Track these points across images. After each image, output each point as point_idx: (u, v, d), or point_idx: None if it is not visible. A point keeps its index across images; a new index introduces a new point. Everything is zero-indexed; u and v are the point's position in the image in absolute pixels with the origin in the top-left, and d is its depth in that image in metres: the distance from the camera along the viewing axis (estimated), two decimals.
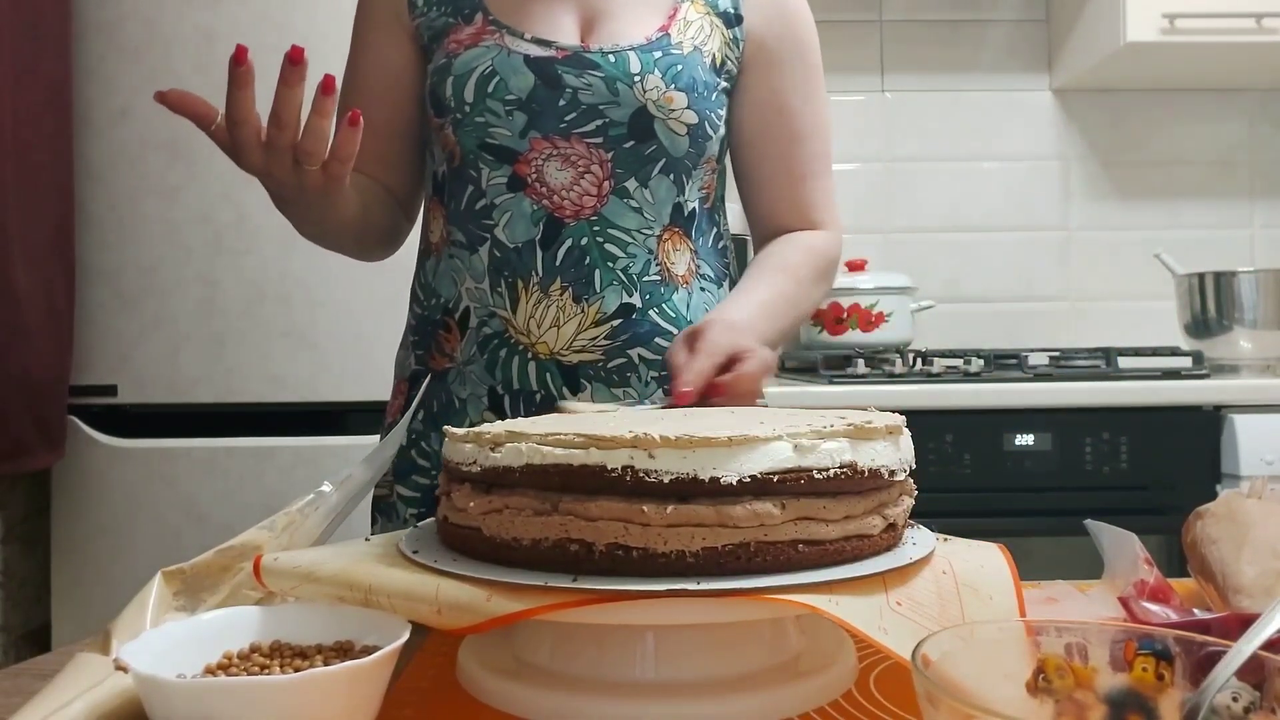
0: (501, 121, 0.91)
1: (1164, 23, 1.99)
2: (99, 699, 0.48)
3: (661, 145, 0.93)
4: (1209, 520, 0.67)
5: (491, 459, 0.52)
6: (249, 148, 0.74)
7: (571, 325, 0.91)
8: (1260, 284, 1.97)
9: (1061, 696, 0.40)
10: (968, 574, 0.54)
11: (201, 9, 1.69)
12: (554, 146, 0.91)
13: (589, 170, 0.92)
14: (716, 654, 0.52)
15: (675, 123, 0.93)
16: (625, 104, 0.91)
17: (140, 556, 1.67)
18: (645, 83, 0.91)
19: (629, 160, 0.93)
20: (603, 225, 0.92)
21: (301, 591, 0.53)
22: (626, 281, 0.92)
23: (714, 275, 1.00)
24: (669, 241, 0.95)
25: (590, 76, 0.91)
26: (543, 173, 0.91)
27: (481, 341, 0.94)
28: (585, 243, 0.91)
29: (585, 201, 0.91)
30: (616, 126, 0.92)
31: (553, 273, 0.91)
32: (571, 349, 0.91)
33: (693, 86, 0.93)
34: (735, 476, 0.48)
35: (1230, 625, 0.52)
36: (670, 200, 0.95)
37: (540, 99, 0.91)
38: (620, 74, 0.91)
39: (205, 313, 1.69)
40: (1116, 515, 0.81)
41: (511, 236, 0.92)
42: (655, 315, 0.93)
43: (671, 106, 0.92)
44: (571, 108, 0.91)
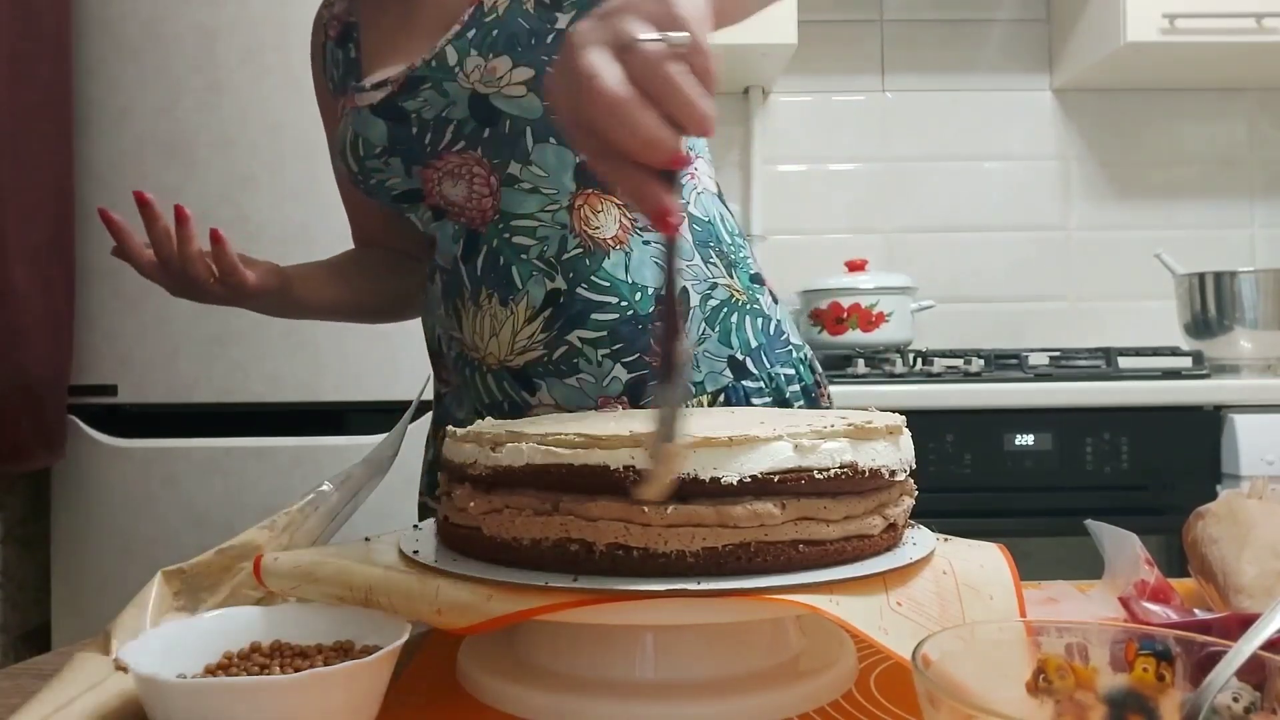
0: (387, 172, 0.92)
1: (1164, 23, 1.99)
2: (99, 699, 0.48)
3: (513, 116, 0.87)
4: (1209, 520, 0.67)
5: (492, 459, 0.52)
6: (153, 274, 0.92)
7: (506, 330, 0.89)
8: (1260, 284, 1.97)
9: (1062, 697, 0.40)
10: (968, 574, 0.54)
11: (201, 9, 1.69)
12: (436, 170, 0.91)
13: (473, 175, 0.90)
14: (716, 654, 0.52)
15: (509, 86, 0.86)
16: (458, 98, 0.87)
17: (140, 556, 1.67)
18: (466, 67, 0.86)
19: (496, 148, 0.88)
20: (505, 220, 0.89)
21: (301, 591, 0.53)
22: (545, 268, 0.88)
23: None
24: (584, 207, 0.89)
25: (423, 93, 0.88)
26: (444, 195, 0.91)
27: (453, 364, 0.95)
28: (497, 244, 0.89)
29: (484, 204, 0.89)
30: (465, 123, 0.88)
31: (477, 282, 0.90)
32: (514, 352, 0.89)
33: (512, 43, 0.85)
34: (736, 476, 0.48)
35: (1230, 625, 0.52)
36: (567, 164, 0.89)
37: (397, 137, 0.90)
38: (443, 74, 0.87)
39: (205, 313, 1.69)
40: (1116, 515, 0.81)
41: (445, 259, 0.93)
42: (585, 291, 0.87)
43: (497, 75, 0.86)
44: (423, 130, 0.89)
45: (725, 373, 0.91)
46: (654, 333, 0.86)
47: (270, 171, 1.69)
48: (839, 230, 2.36)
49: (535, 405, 0.89)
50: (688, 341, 0.90)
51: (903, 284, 2.11)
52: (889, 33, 2.41)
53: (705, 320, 0.91)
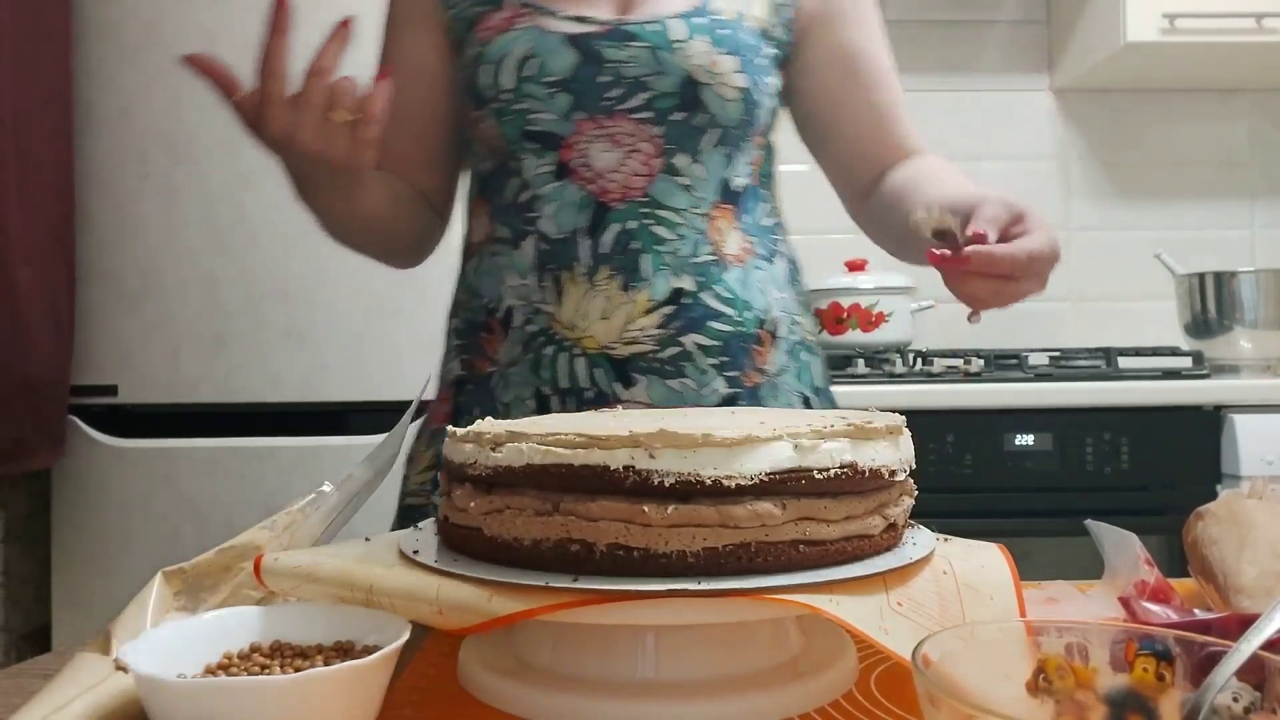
0: (544, 105, 0.87)
1: (1164, 23, 1.99)
2: (99, 699, 0.48)
3: (712, 114, 0.88)
4: (1209, 520, 0.67)
5: (492, 459, 0.52)
6: (276, 104, 0.72)
7: (620, 315, 0.86)
8: (1260, 284, 1.97)
9: (1062, 697, 0.40)
10: (968, 574, 0.54)
11: (202, 9, 1.69)
12: (600, 126, 0.87)
13: (636, 148, 0.87)
14: (717, 654, 0.52)
15: (726, 88, 0.88)
16: (671, 73, 0.87)
17: (140, 556, 1.67)
18: (690, 48, 0.87)
19: (679, 133, 0.88)
20: (651, 206, 0.87)
21: (301, 591, 0.53)
22: (676, 265, 0.86)
23: (766, 253, 0.94)
24: (719, 219, 0.90)
25: (632, 49, 0.87)
26: (588, 156, 0.87)
27: (526, 340, 0.89)
28: (633, 226, 0.86)
29: (633, 182, 0.87)
30: (664, 98, 0.87)
31: (599, 261, 0.86)
32: (622, 341, 0.86)
33: (739, 49, 0.89)
34: (736, 477, 0.48)
35: (1230, 625, 0.52)
36: (719, 175, 0.90)
37: (583, 77, 0.87)
38: (663, 42, 0.87)
39: (205, 313, 1.69)
40: (1116, 515, 0.81)
41: (559, 226, 0.88)
42: (709, 298, 0.87)
43: (719, 70, 0.87)
44: (615, 83, 0.87)
45: (797, 406, 0.93)
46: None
47: (270, 171, 1.69)
48: (839, 230, 2.34)
49: (625, 400, 0.86)
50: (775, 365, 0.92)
51: (903, 284, 2.11)
52: (889, 33, 2.39)
53: (787, 353, 0.94)
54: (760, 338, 0.90)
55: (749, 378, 0.89)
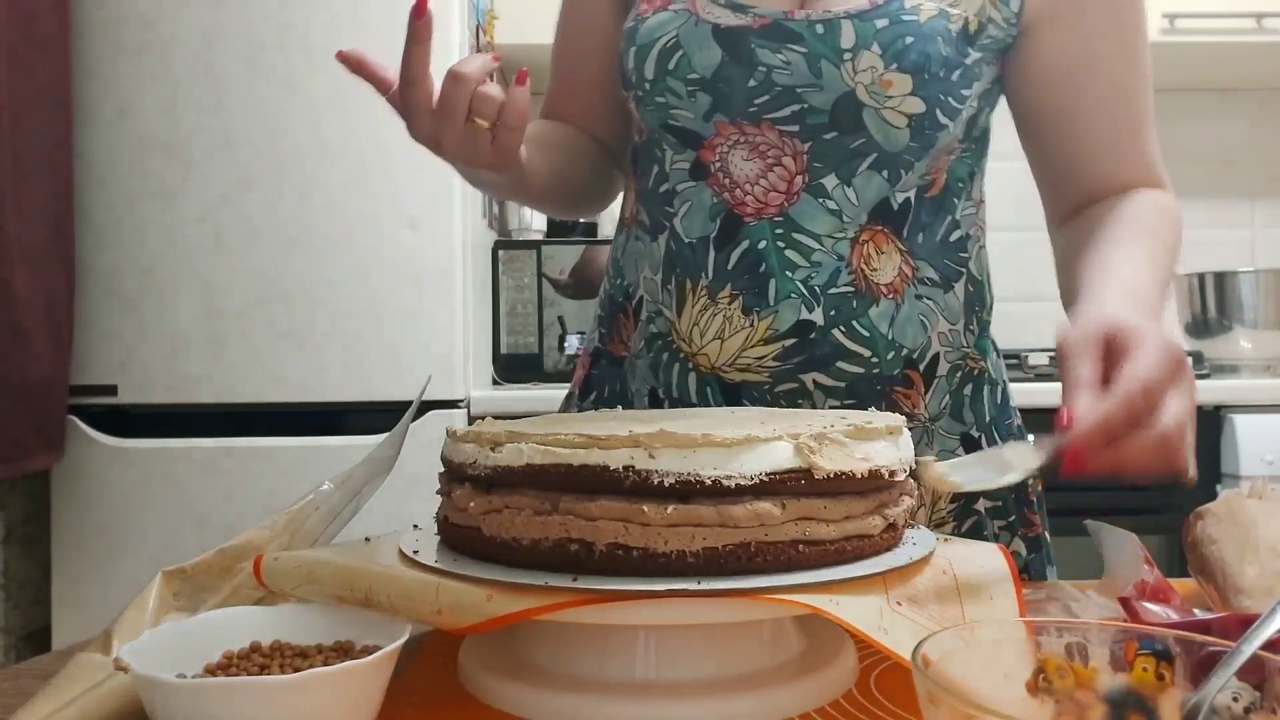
0: (684, 103, 0.80)
1: (1164, 23, 1.99)
2: (99, 699, 0.48)
3: (872, 138, 0.77)
4: (1209, 520, 0.67)
5: (492, 459, 0.52)
6: (420, 112, 0.70)
7: (738, 339, 0.78)
8: (1260, 284, 1.97)
9: (1062, 696, 0.40)
10: (968, 574, 0.54)
11: (201, 9, 1.69)
12: (741, 132, 0.78)
13: (779, 162, 0.78)
14: (716, 654, 0.52)
15: (893, 113, 0.76)
16: (829, 87, 0.76)
17: (140, 556, 1.67)
18: (858, 61, 0.75)
19: (829, 154, 0.78)
20: (787, 227, 0.78)
21: (301, 591, 0.53)
22: (807, 294, 0.77)
23: (939, 277, 0.82)
24: (869, 244, 0.79)
25: (790, 52, 0.77)
26: (727, 161, 0.79)
27: (649, 338, 0.84)
28: (764, 246, 0.78)
29: (771, 199, 0.78)
30: (816, 114, 0.77)
31: (724, 277, 0.79)
32: (735, 366, 0.79)
33: (923, 65, 0.75)
34: (736, 477, 0.48)
35: (1230, 625, 0.52)
36: (878, 197, 0.79)
37: (727, 78, 0.78)
38: (827, 50, 0.76)
39: (205, 313, 1.69)
40: (1116, 515, 0.81)
41: (688, 230, 0.81)
42: (840, 335, 0.78)
43: (889, 93, 0.75)
44: (763, 89, 0.77)
45: (958, 451, 0.83)
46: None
47: (270, 171, 1.69)
48: None
49: None
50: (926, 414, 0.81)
51: None
52: None
53: (949, 392, 0.83)
54: (908, 379, 0.80)
55: None
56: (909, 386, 0.80)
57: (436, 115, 0.69)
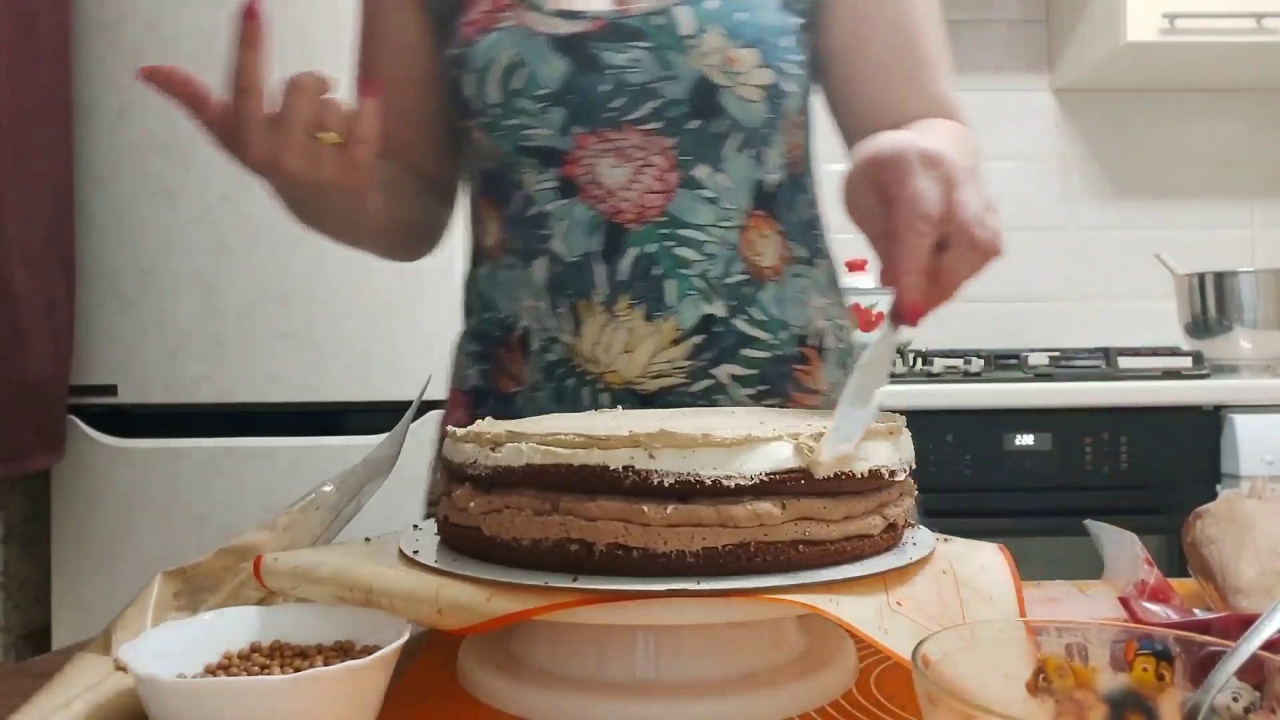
0: (536, 120, 0.77)
1: (1164, 23, 1.99)
2: (99, 699, 0.48)
3: (733, 118, 0.77)
4: (1209, 520, 0.67)
5: (492, 459, 0.52)
6: (255, 125, 0.63)
7: (647, 347, 0.77)
8: (1260, 284, 1.97)
9: (1061, 696, 0.40)
10: (968, 574, 0.54)
11: (201, 9, 1.69)
12: (603, 140, 0.77)
13: (648, 162, 0.77)
14: (716, 654, 0.52)
15: (746, 88, 0.76)
16: (682, 76, 0.76)
17: (140, 556, 1.67)
18: (703, 44, 0.75)
19: (696, 143, 0.78)
20: (672, 226, 0.77)
21: (301, 591, 0.53)
22: (706, 288, 0.78)
23: (807, 254, 0.85)
24: (753, 230, 0.80)
25: (634, 49, 0.76)
26: (595, 172, 0.77)
27: (546, 368, 0.81)
28: (653, 249, 0.77)
29: (648, 200, 0.77)
30: (675, 105, 0.76)
31: (618, 288, 0.77)
32: (649, 375, 0.77)
33: (763, 35, 0.76)
34: (736, 477, 0.48)
35: (1230, 625, 0.52)
36: (749, 180, 0.80)
37: (578, 87, 0.76)
38: (670, 40, 0.75)
39: (205, 313, 1.69)
40: (1116, 515, 0.81)
41: (571, 249, 0.78)
42: (742, 323, 0.79)
43: (738, 69, 0.76)
44: (617, 92, 0.76)
45: None
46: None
47: None
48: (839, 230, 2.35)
49: None
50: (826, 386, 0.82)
51: None
52: None
53: (838, 364, 0.86)
54: (804, 355, 0.82)
55: (797, 401, 0.82)
56: (807, 364, 0.83)
57: (274, 128, 0.63)
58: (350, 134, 0.65)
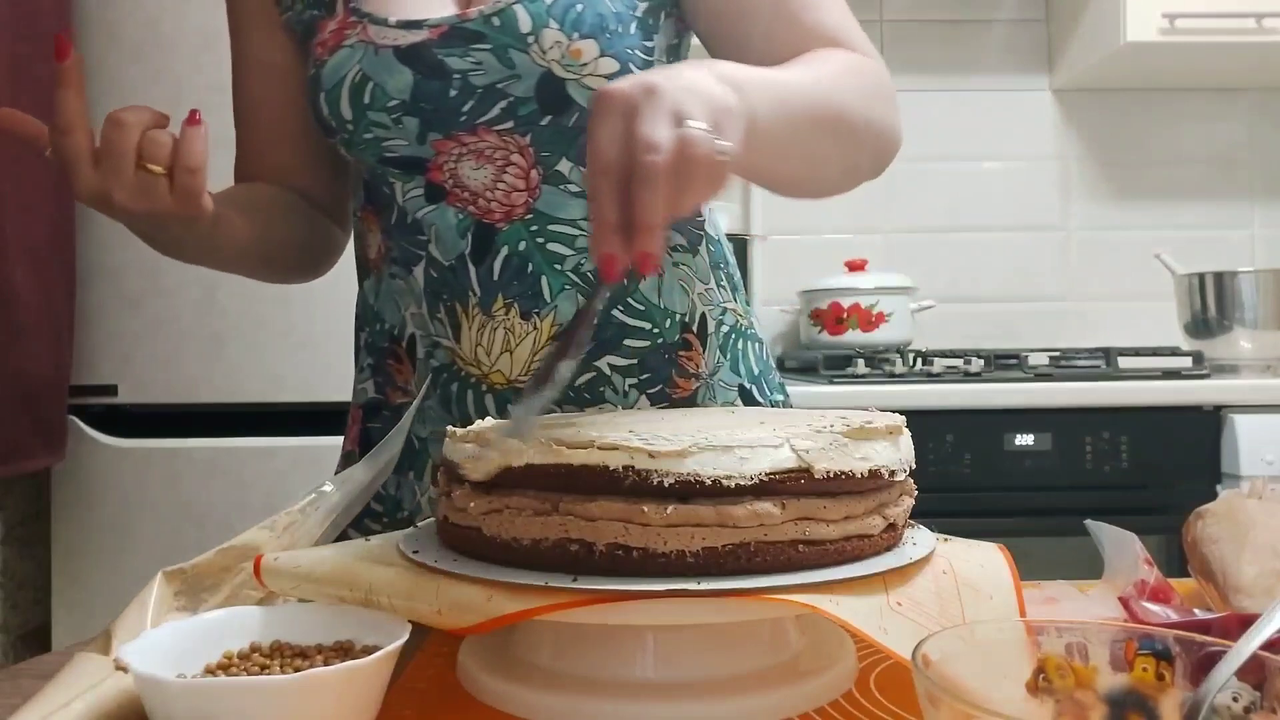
0: (393, 132, 0.78)
1: (1164, 23, 1.99)
2: (99, 699, 0.48)
3: (584, 110, 0.77)
4: (1209, 520, 0.67)
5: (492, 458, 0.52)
6: (80, 162, 0.65)
7: (525, 347, 0.78)
8: (1260, 284, 1.97)
9: (1062, 696, 0.40)
10: (968, 574, 0.54)
11: (201, 9, 1.69)
12: (461, 144, 0.77)
13: (509, 162, 0.77)
14: (716, 654, 0.52)
15: (592, 78, 0.76)
16: (526, 74, 0.76)
17: (140, 556, 1.67)
18: (543, 40, 0.74)
19: (552, 139, 0.78)
20: (540, 222, 0.78)
21: (301, 591, 0.53)
22: (580, 282, 0.78)
23: (687, 241, 0.84)
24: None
25: (476, 52, 0.75)
26: (459, 176, 0.78)
27: (432, 374, 0.82)
28: (524, 247, 0.78)
29: (514, 199, 0.78)
30: (523, 104, 0.77)
31: (492, 289, 0.78)
32: (530, 374, 0.78)
33: (601, 25, 0.75)
34: (736, 477, 0.48)
35: (1230, 625, 0.52)
36: None
37: (427, 95, 0.76)
38: (510, 39, 0.75)
39: (205, 313, 1.69)
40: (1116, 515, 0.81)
41: (444, 253, 0.79)
42: (621, 314, 0.79)
43: (581, 61, 0.75)
44: (466, 95, 0.76)
45: (737, 402, 0.86)
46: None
47: None
48: (839, 230, 2.36)
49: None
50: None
51: (902, 284, 2.11)
52: (889, 33, 2.40)
53: (719, 348, 0.86)
54: (688, 342, 0.83)
55: (679, 387, 0.82)
56: (689, 350, 0.83)
57: (100, 164, 0.65)
58: (177, 164, 0.66)
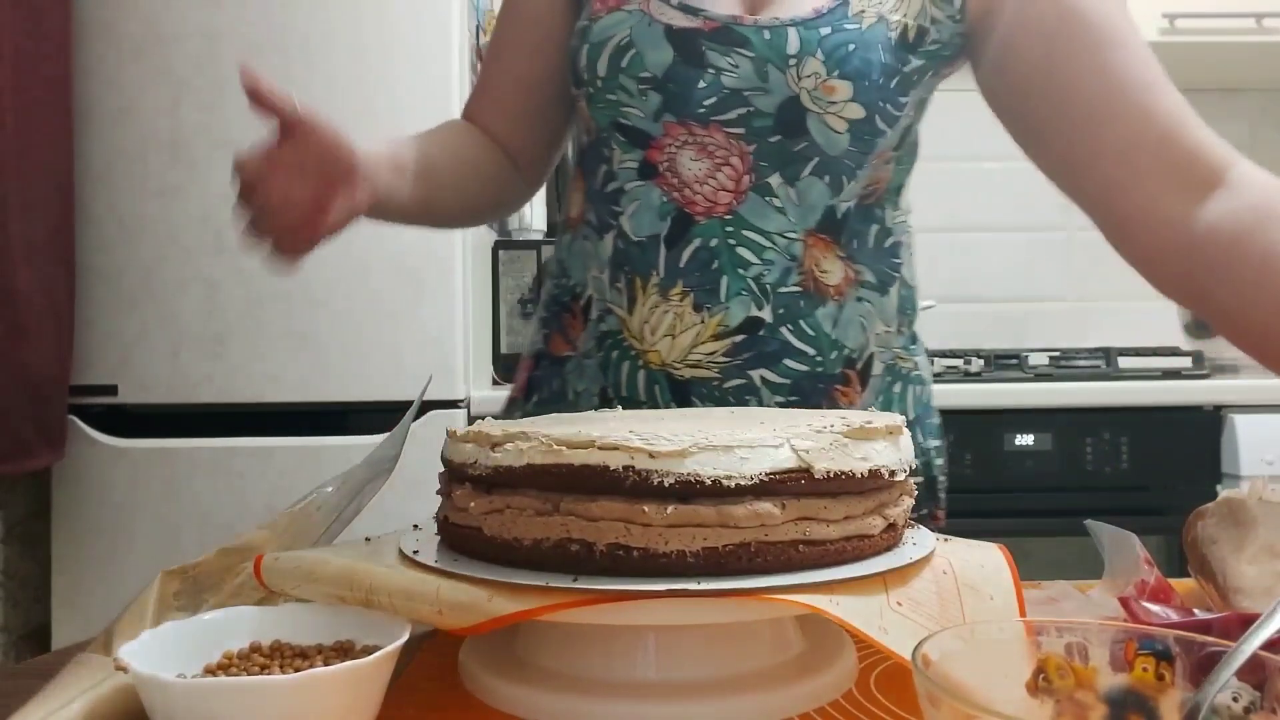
0: (634, 101, 0.81)
1: (1164, 23, 1.99)
2: (99, 699, 0.48)
3: (814, 142, 0.79)
4: (1209, 520, 0.67)
5: (492, 459, 0.52)
6: (276, 236, 0.72)
7: (688, 336, 0.80)
8: None
9: (1062, 696, 0.40)
10: (968, 574, 0.54)
11: (202, 9, 1.69)
12: (690, 133, 0.80)
13: (727, 162, 0.79)
14: (716, 654, 0.52)
15: (834, 118, 0.78)
16: (775, 91, 0.78)
17: (140, 556, 1.67)
18: (803, 67, 0.77)
19: (774, 156, 0.79)
20: (737, 225, 0.79)
21: (301, 591, 0.53)
22: (758, 292, 0.79)
23: (876, 280, 0.85)
24: (815, 248, 0.81)
25: (738, 55, 0.78)
26: (676, 161, 0.80)
27: (599, 337, 0.84)
28: (715, 244, 0.79)
29: (720, 197, 0.79)
30: (761, 117, 0.79)
31: (675, 274, 0.80)
32: (685, 362, 0.80)
33: (864, 72, 0.77)
34: (736, 477, 0.48)
35: (1230, 625, 0.52)
36: (822, 202, 0.80)
37: (678, 78, 0.79)
38: (773, 55, 0.77)
39: (206, 313, 1.69)
40: (1116, 515, 0.81)
41: (637, 229, 0.81)
42: (788, 333, 0.80)
43: (831, 99, 0.77)
44: (712, 91, 0.79)
45: None
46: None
47: None
48: None
49: None
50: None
51: None
52: None
53: (876, 390, 0.86)
54: (847, 378, 0.83)
55: None
56: (847, 385, 0.83)
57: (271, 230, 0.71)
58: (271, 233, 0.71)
